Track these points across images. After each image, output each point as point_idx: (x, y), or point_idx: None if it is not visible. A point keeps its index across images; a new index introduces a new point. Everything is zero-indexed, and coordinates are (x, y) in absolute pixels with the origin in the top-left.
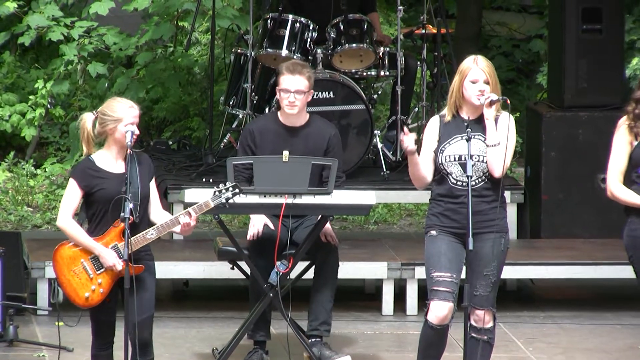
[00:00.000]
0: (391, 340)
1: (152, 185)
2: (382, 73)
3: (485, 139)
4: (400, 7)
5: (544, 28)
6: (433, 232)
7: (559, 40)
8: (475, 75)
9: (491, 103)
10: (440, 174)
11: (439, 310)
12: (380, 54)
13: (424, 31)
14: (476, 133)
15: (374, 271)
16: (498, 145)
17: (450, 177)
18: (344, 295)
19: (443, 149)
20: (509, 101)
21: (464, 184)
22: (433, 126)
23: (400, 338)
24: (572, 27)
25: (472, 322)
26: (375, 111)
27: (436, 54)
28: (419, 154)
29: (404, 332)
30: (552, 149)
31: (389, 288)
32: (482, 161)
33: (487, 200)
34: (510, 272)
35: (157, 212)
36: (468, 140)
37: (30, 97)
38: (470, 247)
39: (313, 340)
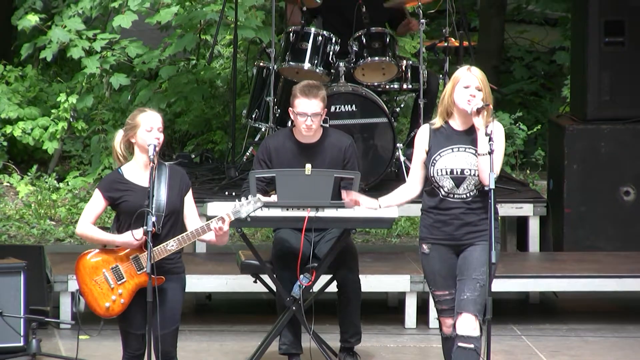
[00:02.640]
0: (414, 354)
1: (187, 198)
2: (404, 86)
3: (476, 151)
4: (423, 20)
5: (567, 41)
6: (425, 249)
7: (582, 53)
8: (468, 81)
9: (478, 111)
10: (432, 186)
11: (447, 323)
12: (403, 67)
13: (446, 44)
14: (467, 146)
15: (397, 284)
16: (490, 154)
17: (441, 190)
18: (367, 308)
19: (434, 161)
20: (491, 106)
21: (455, 196)
22: (422, 136)
23: (423, 351)
24: (595, 40)
25: (458, 332)
26: (398, 124)
27: (458, 67)
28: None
29: (427, 345)
30: (574, 161)
31: (411, 301)
32: (474, 175)
33: (477, 212)
34: (533, 285)
35: (194, 225)
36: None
37: (53, 110)
38: (494, 260)
39: (344, 353)
